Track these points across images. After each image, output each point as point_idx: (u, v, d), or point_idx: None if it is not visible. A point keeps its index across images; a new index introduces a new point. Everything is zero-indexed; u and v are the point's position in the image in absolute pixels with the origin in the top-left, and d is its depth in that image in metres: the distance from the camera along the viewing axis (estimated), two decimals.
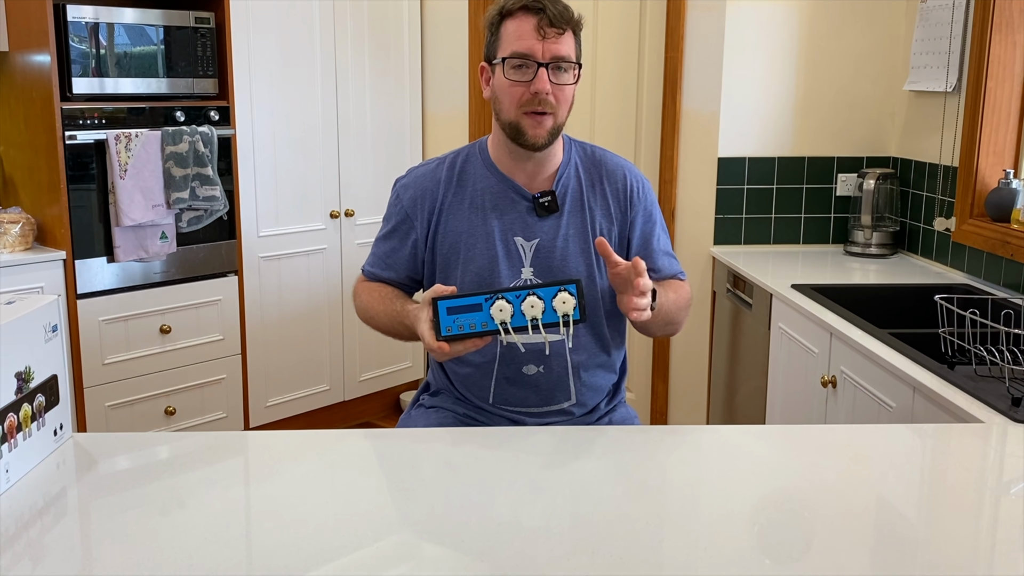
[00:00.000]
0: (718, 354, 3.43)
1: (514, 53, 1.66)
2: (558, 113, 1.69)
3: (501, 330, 1.53)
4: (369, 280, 1.87)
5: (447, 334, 1.53)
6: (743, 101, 3.33)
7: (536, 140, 1.69)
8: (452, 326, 1.53)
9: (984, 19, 2.75)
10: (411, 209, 1.80)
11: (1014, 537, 1.18)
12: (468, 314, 1.54)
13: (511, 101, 1.68)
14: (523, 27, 1.65)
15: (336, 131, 3.67)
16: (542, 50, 1.65)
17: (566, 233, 1.76)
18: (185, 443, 1.52)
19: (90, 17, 3.00)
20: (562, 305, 1.53)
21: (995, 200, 2.74)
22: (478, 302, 1.54)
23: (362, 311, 1.85)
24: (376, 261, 1.86)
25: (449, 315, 1.54)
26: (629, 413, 1.92)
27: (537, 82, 1.65)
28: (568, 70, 1.68)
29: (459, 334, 1.53)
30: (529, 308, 1.53)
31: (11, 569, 1.07)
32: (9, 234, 2.99)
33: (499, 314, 1.53)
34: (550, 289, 1.54)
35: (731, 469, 1.42)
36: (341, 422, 3.91)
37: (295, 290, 3.64)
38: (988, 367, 1.88)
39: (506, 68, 1.67)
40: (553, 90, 1.66)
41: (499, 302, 1.53)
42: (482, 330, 1.53)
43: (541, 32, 1.64)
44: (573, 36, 1.69)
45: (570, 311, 1.53)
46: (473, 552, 1.13)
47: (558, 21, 1.64)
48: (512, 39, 1.67)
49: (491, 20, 1.70)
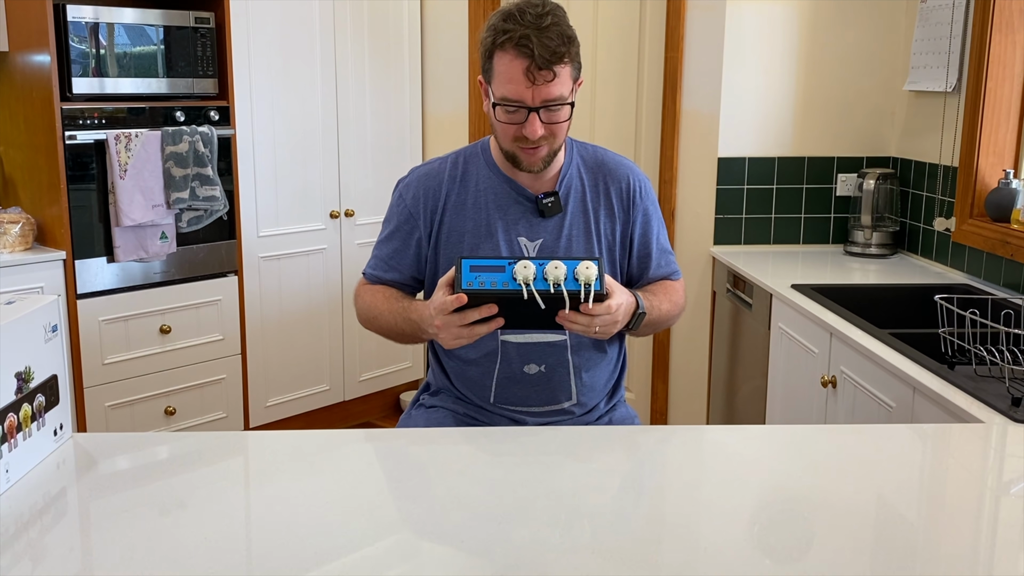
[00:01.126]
0: (718, 354, 3.43)
1: (504, 99, 1.62)
2: (554, 142, 1.68)
3: (524, 289, 1.50)
4: (371, 283, 1.85)
5: (467, 287, 1.51)
6: (743, 101, 3.33)
7: (532, 167, 1.70)
8: (474, 282, 1.51)
9: (984, 19, 2.75)
10: (414, 208, 1.79)
11: (1014, 537, 1.18)
12: (490, 273, 1.52)
13: (504, 135, 1.68)
14: (513, 70, 1.59)
15: (336, 131, 3.67)
16: (532, 96, 1.60)
17: (569, 233, 1.77)
18: (185, 443, 1.52)
19: (90, 17, 3.00)
20: (585, 271, 1.52)
21: (995, 200, 2.74)
22: (501, 264, 1.52)
23: (364, 312, 1.82)
24: (378, 264, 1.84)
25: (472, 272, 1.52)
26: (629, 413, 1.92)
27: (528, 127, 1.62)
28: (561, 109, 1.64)
29: (479, 290, 1.51)
30: (553, 269, 1.52)
31: (11, 569, 1.07)
32: (9, 234, 2.99)
33: (523, 270, 1.51)
34: (573, 261, 1.54)
35: (731, 469, 1.42)
36: (341, 422, 3.91)
37: (295, 290, 3.64)
38: (988, 367, 1.88)
39: (498, 111, 1.65)
40: (546, 127, 1.64)
41: (523, 261, 1.52)
42: (502, 288, 1.51)
43: (531, 77, 1.58)
44: (570, 65, 1.63)
45: (592, 279, 1.52)
46: (473, 552, 1.13)
47: (547, 64, 1.58)
48: (503, 81, 1.61)
49: (485, 44, 1.64)
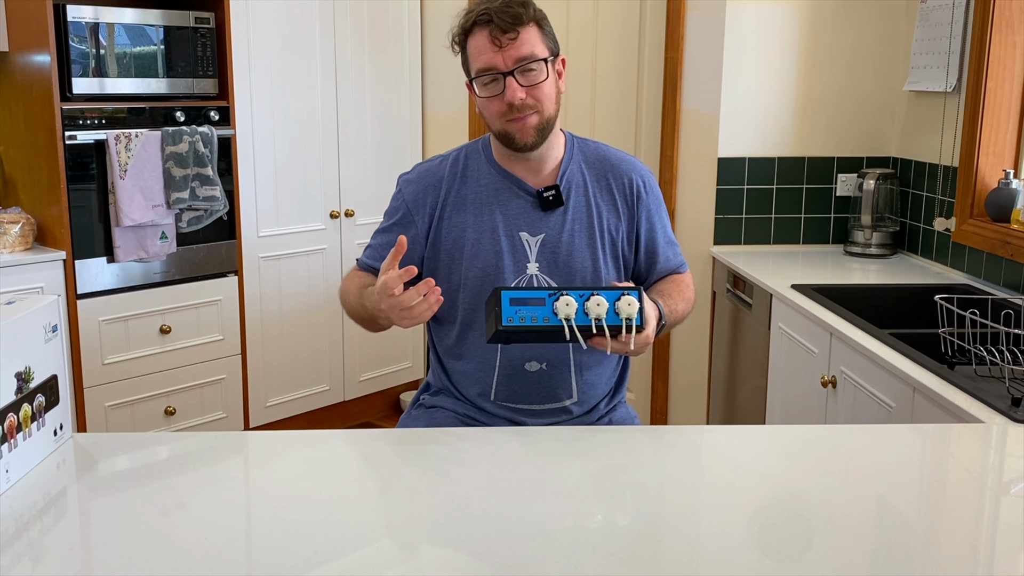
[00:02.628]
0: (718, 354, 3.43)
1: (478, 71, 1.68)
2: (542, 108, 1.69)
3: (565, 327, 1.48)
4: (361, 271, 1.87)
5: (508, 324, 1.49)
6: (743, 101, 3.33)
7: (526, 141, 1.70)
8: (514, 317, 1.49)
9: (984, 19, 2.75)
10: (412, 204, 1.80)
11: (1014, 537, 1.18)
12: (531, 307, 1.50)
13: (492, 115, 1.71)
14: (480, 42, 1.66)
15: (336, 131, 3.67)
16: (503, 60, 1.65)
17: (572, 228, 1.77)
18: (185, 443, 1.52)
19: (90, 17, 3.00)
20: (627, 307, 1.50)
21: (995, 200, 2.74)
22: (542, 296, 1.50)
23: (341, 297, 1.85)
24: (371, 253, 1.86)
25: (512, 306, 1.49)
26: (629, 413, 1.92)
27: (507, 93, 1.66)
28: (537, 67, 1.67)
29: (519, 326, 1.49)
30: (595, 307, 1.49)
31: (11, 569, 1.07)
32: (9, 234, 2.99)
33: (565, 308, 1.48)
34: (612, 292, 1.51)
35: (731, 469, 1.42)
36: (341, 422, 3.91)
37: (295, 290, 3.64)
38: (988, 367, 1.88)
39: (478, 87, 1.69)
40: (528, 91, 1.67)
41: (564, 297, 1.49)
42: (543, 324, 1.49)
43: (496, 42, 1.65)
44: (537, 29, 1.68)
45: (633, 315, 1.50)
46: (473, 552, 1.13)
47: (509, 26, 1.64)
48: (474, 56, 1.68)
49: (455, 40, 1.72)
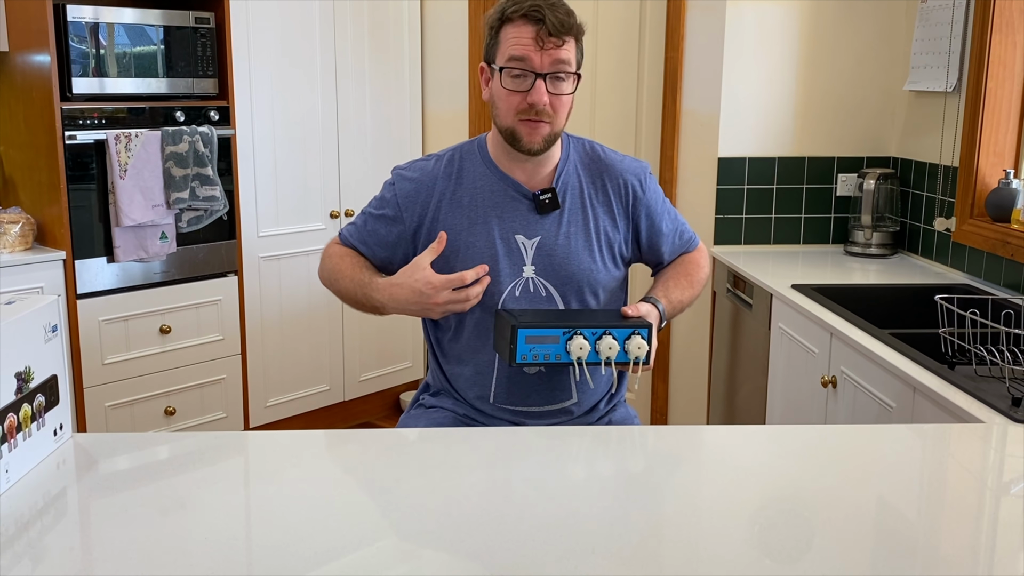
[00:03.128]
0: (718, 354, 3.43)
1: (511, 60, 1.64)
2: (555, 121, 1.68)
3: (576, 367, 1.62)
4: (343, 245, 1.86)
5: (521, 361, 1.60)
6: (743, 101, 3.33)
7: (532, 146, 1.69)
8: (528, 355, 1.60)
9: (984, 19, 2.75)
10: (403, 202, 1.79)
11: (1014, 537, 1.18)
12: (545, 345, 1.60)
13: (507, 108, 1.68)
14: (522, 35, 1.63)
15: (336, 131, 3.67)
16: (540, 60, 1.63)
17: (568, 230, 1.76)
18: (185, 443, 1.52)
19: (90, 17, 3.00)
20: (636, 350, 1.61)
21: (995, 200, 2.74)
22: (556, 334, 1.60)
23: (327, 272, 1.84)
24: (355, 232, 1.84)
25: (527, 344, 1.60)
26: (629, 413, 1.92)
27: (534, 93, 1.64)
28: (567, 79, 1.66)
29: (532, 363, 1.62)
30: (606, 349, 1.60)
31: (11, 569, 1.07)
32: (9, 234, 2.99)
33: (578, 351, 1.59)
34: (623, 331, 1.60)
35: (731, 469, 1.42)
36: (341, 422, 3.91)
37: (295, 290, 3.64)
38: (988, 367, 1.88)
39: (504, 76, 1.66)
40: (551, 100, 1.65)
41: (577, 339, 1.59)
42: (555, 361, 1.61)
43: (540, 42, 1.62)
44: (575, 43, 1.67)
45: (642, 356, 1.61)
46: (473, 552, 1.13)
47: (558, 31, 1.62)
48: (511, 47, 1.64)
49: (492, 22, 1.68)
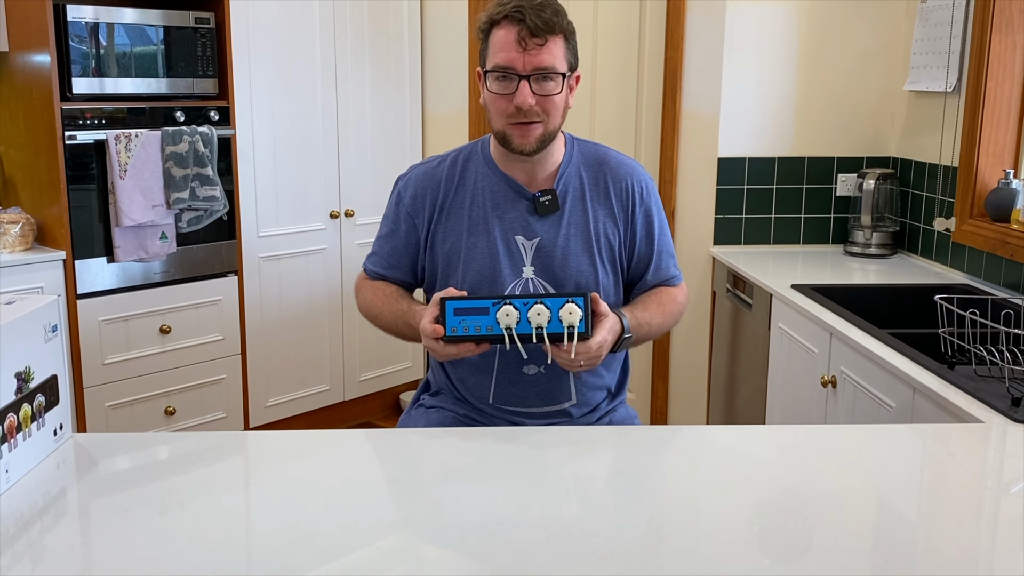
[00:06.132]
0: (718, 354, 3.43)
1: (495, 66, 1.64)
2: (548, 121, 1.67)
3: (505, 335, 1.55)
4: (371, 279, 1.87)
5: (451, 334, 1.56)
6: (743, 101, 3.33)
7: (523, 148, 1.68)
8: (458, 327, 1.56)
9: (984, 19, 2.75)
10: (412, 208, 1.80)
11: (1014, 537, 1.18)
12: (474, 316, 1.57)
13: (497, 112, 1.68)
14: (506, 38, 1.62)
15: (336, 131, 3.67)
16: (523, 62, 1.62)
17: (567, 232, 1.76)
18: (185, 443, 1.52)
19: (90, 17, 3.00)
20: (568, 316, 1.55)
21: (995, 200, 2.74)
22: (485, 306, 1.56)
23: (365, 309, 1.86)
24: (378, 261, 1.85)
25: (456, 316, 1.57)
26: (629, 413, 1.92)
27: (518, 96, 1.63)
28: (553, 79, 1.64)
29: (463, 335, 1.56)
30: (535, 316, 1.55)
31: (11, 569, 1.07)
32: (9, 234, 2.99)
33: (505, 319, 1.55)
34: (557, 300, 1.56)
35: (731, 469, 1.42)
36: (341, 422, 3.91)
37: (295, 290, 3.64)
38: (988, 367, 1.88)
39: (490, 80, 1.66)
40: (539, 100, 1.64)
41: (506, 307, 1.55)
42: (486, 333, 1.56)
43: (523, 43, 1.61)
44: (564, 42, 1.65)
45: (575, 323, 1.55)
46: (473, 552, 1.13)
47: (540, 31, 1.60)
48: (496, 50, 1.64)
49: (481, 26, 1.68)
